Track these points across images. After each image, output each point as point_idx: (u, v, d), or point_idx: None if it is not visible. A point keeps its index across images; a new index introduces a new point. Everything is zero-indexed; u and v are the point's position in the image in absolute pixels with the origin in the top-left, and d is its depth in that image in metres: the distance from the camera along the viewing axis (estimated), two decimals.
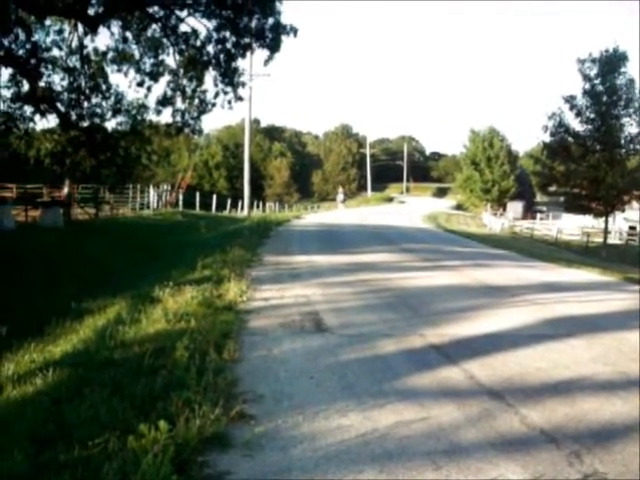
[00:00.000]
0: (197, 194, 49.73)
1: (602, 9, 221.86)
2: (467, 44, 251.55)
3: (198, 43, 23.65)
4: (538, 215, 65.14)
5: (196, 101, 25.12)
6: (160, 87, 25.22)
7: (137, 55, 24.57)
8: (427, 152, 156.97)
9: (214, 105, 25.10)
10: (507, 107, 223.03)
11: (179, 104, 25.20)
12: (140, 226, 29.97)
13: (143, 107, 25.53)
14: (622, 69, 37.16)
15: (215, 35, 23.15)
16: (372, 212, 64.47)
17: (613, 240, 44.59)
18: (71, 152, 24.55)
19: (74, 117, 24.45)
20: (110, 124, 26.07)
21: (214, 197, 52.77)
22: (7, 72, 23.28)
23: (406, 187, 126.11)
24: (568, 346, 8.31)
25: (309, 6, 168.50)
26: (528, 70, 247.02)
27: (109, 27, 23.65)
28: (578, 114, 38.01)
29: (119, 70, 24.85)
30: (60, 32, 23.83)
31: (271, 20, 22.63)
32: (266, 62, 23.94)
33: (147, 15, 23.18)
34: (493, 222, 57.28)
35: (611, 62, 36.96)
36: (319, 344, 8.02)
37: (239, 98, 25.22)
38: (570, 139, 38.68)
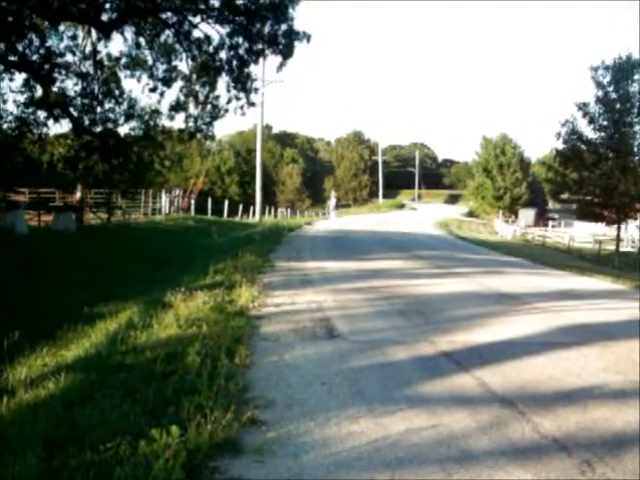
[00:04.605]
0: (209, 200, 49.75)
1: (616, 11, 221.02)
2: (480, 51, 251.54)
3: (211, 49, 23.67)
4: (550, 222, 64.75)
5: (209, 107, 25.13)
6: (173, 93, 25.45)
7: (150, 61, 24.60)
8: (439, 159, 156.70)
9: (227, 111, 25.12)
10: (520, 114, 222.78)
11: (192, 110, 25.23)
12: (152, 231, 30.06)
13: (156, 112, 25.56)
14: (635, 76, 36.99)
15: (228, 41, 23.18)
16: (383, 219, 64.43)
17: (625, 248, 44.25)
18: (84, 157, 24.61)
19: (87, 122, 24.51)
20: (123, 129, 26.12)
21: (226, 203, 52.71)
22: (21, 77, 23.49)
23: (418, 194, 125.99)
24: (580, 354, 8.27)
25: (322, 12, 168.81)
26: (541, 77, 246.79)
27: (122, 33, 23.71)
28: (591, 121, 37.78)
29: (132, 76, 24.87)
30: (74, 38, 23.90)
31: (284, 26, 22.64)
32: (279, 68, 23.96)
33: (160, 21, 23.24)
34: (505, 229, 57.11)
35: (624, 69, 36.76)
36: (330, 350, 8.02)
37: (251, 104, 25.22)
38: (583, 146, 38.46)
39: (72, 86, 24.25)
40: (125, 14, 22.19)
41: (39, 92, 23.44)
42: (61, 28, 23.35)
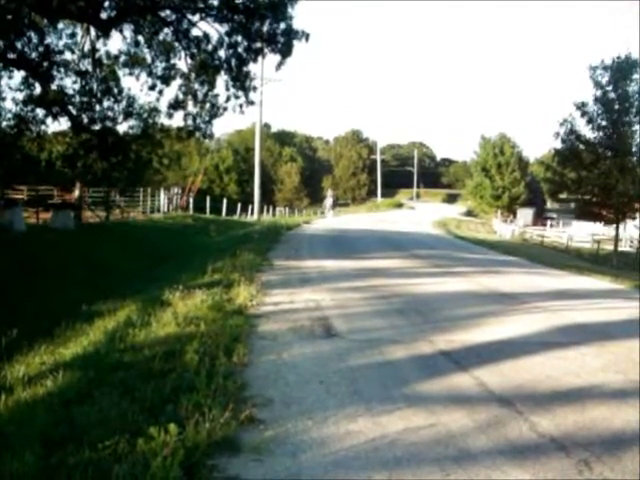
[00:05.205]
0: (207, 198, 49.69)
1: (616, 11, 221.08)
2: (479, 50, 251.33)
3: (210, 47, 23.62)
4: (548, 222, 64.81)
5: (207, 105, 25.09)
6: (172, 91, 25.29)
7: (149, 59, 24.57)
8: (438, 158, 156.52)
9: (225, 109, 25.07)
10: (518, 114, 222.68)
11: (190, 108, 25.20)
12: (150, 229, 30.04)
13: (154, 111, 25.55)
14: (634, 76, 36.96)
15: (227, 39, 23.13)
16: (381, 218, 64.39)
17: (624, 248, 44.23)
18: (82, 155, 24.59)
19: (86, 120, 24.49)
20: (121, 127, 26.10)
21: (224, 201, 52.71)
22: (20, 75, 23.44)
23: (416, 193, 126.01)
24: (578, 354, 8.28)
25: (321, 11, 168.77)
26: (540, 77, 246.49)
27: (121, 31, 23.69)
28: (589, 121, 37.73)
29: (131, 74, 24.85)
30: (72, 35, 23.90)
31: (283, 25, 22.59)
32: (277, 67, 23.93)
33: (159, 19, 23.20)
34: (503, 229, 57.11)
35: (623, 69, 36.71)
36: (329, 349, 8.02)
37: (250, 102, 25.17)
38: (581, 146, 38.45)
39: (71, 84, 24.26)
40: (124, 12, 22.17)
41: (38, 90, 23.47)
42: (60, 26, 23.36)
